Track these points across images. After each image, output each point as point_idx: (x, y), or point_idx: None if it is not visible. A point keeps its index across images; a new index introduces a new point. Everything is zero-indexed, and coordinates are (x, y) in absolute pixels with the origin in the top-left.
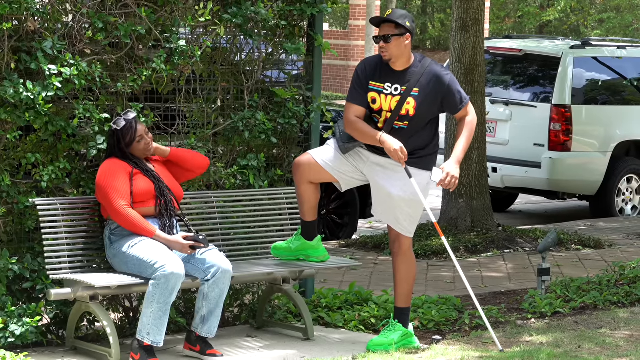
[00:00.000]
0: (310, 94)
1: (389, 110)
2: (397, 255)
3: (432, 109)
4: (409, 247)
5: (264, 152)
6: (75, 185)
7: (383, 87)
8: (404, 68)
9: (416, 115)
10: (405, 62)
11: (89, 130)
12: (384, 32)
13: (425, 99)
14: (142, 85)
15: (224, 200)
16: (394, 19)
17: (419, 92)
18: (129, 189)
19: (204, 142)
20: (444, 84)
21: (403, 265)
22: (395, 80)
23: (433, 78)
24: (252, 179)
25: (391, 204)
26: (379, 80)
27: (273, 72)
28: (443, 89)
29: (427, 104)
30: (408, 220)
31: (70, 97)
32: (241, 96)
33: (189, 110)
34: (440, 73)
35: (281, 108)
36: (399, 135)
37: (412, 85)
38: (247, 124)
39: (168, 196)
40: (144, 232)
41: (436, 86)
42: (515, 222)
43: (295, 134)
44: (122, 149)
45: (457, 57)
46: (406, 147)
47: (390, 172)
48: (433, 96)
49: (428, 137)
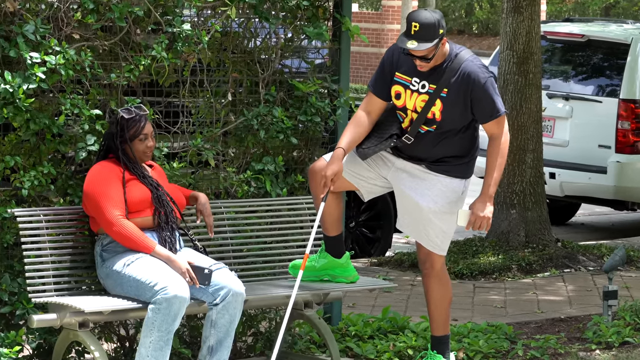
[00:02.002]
0: (337, 86)
1: (414, 110)
2: (428, 277)
3: (464, 114)
4: (442, 267)
5: (282, 154)
6: (62, 193)
7: (410, 81)
8: (437, 64)
9: (443, 120)
10: (439, 58)
11: (78, 128)
12: (421, 54)
13: (454, 102)
14: (140, 77)
15: (235, 210)
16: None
17: (448, 93)
18: (123, 197)
19: (212, 143)
20: (477, 85)
21: (436, 287)
22: (424, 77)
23: (466, 78)
24: (268, 185)
25: (420, 216)
26: (407, 72)
27: (293, 61)
28: (475, 92)
29: (456, 108)
30: (440, 236)
31: (56, 90)
32: (256, 89)
33: (195, 106)
34: (475, 72)
35: (302, 103)
36: (424, 141)
37: (443, 85)
38: (263, 121)
39: (168, 206)
40: (142, 247)
41: (468, 87)
42: (576, 237)
43: (318, 133)
44: (122, 143)
45: (508, 43)
46: (432, 154)
47: (418, 180)
48: (463, 99)
49: (462, 146)
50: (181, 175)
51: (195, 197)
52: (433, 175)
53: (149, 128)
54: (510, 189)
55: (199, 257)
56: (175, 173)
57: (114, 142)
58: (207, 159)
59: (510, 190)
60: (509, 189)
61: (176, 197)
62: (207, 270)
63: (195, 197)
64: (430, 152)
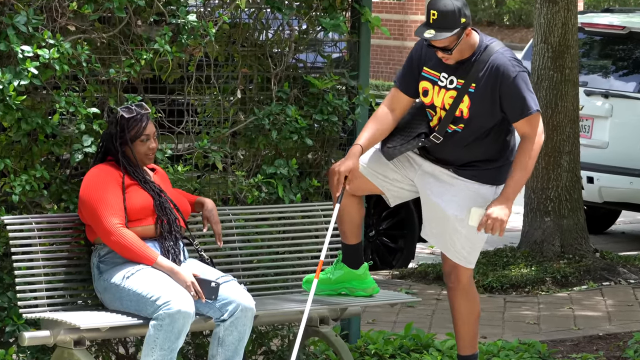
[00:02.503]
0: (356, 82)
1: (442, 107)
2: (454, 290)
3: (493, 112)
4: (469, 280)
5: (296, 157)
6: (56, 199)
7: (439, 76)
8: (464, 57)
9: (471, 118)
10: (469, 50)
11: (73, 129)
12: (441, 44)
13: (482, 98)
14: (141, 72)
15: (244, 218)
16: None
17: (476, 88)
18: (122, 204)
19: (220, 145)
20: (507, 79)
21: (463, 302)
22: (453, 71)
23: (494, 71)
24: (280, 191)
25: (446, 225)
26: (435, 67)
27: (308, 56)
28: (504, 87)
29: (484, 105)
30: (467, 247)
31: (50, 87)
32: (267, 86)
33: (201, 104)
34: (504, 65)
35: (318, 101)
36: (452, 142)
37: (471, 80)
38: (275, 121)
39: (171, 213)
40: (143, 258)
41: (496, 82)
42: (616, 247)
43: (336, 133)
44: (123, 144)
45: (542, 36)
46: (460, 157)
47: (445, 185)
48: (491, 95)
49: (494, 149)
50: (186, 179)
51: (201, 204)
52: (461, 180)
53: (151, 128)
54: (544, 195)
55: (205, 269)
56: (179, 177)
57: (113, 144)
58: (214, 161)
59: (544, 196)
60: (543, 194)
61: (180, 204)
62: (214, 283)
63: (201, 204)
64: (459, 154)
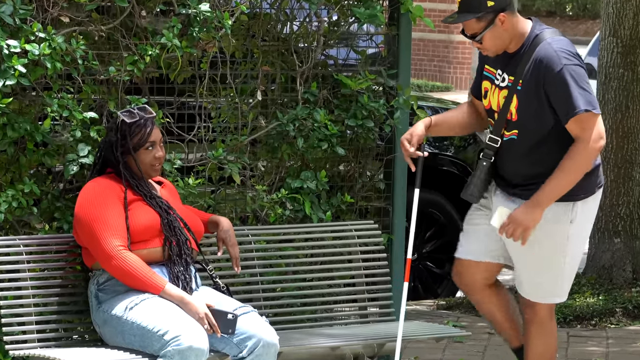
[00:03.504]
0: (395, 82)
1: (498, 110)
2: (530, 324)
3: (541, 113)
4: (548, 314)
5: (325, 168)
6: (47, 217)
7: (495, 74)
8: (516, 49)
9: (520, 122)
10: (518, 41)
11: (67, 136)
12: (469, 31)
13: (527, 96)
14: (146, 70)
15: (266, 239)
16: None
17: (522, 85)
18: (124, 223)
19: (238, 154)
20: (550, 73)
21: (539, 339)
22: (505, 67)
23: (537, 64)
24: (308, 208)
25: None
26: (494, 63)
27: (339, 51)
28: (549, 82)
29: (531, 105)
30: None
31: (40, 88)
32: (292, 86)
33: (215, 107)
34: (549, 57)
35: (351, 104)
36: (511, 153)
37: (519, 76)
38: (301, 127)
39: (182, 234)
40: (149, 286)
41: (540, 76)
42: None
43: (371, 141)
44: (124, 154)
45: (610, 28)
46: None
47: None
48: (535, 93)
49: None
50: (198, 194)
51: (216, 223)
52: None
53: (157, 134)
54: (613, 212)
55: (221, 299)
56: (190, 192)
57: (113, 153)
58: (231, 174)
59: (613, 214)
60: (612, 212)
61: (192, 223)
62: (231, 315)
63: (216, 223)
64: (519, 169)
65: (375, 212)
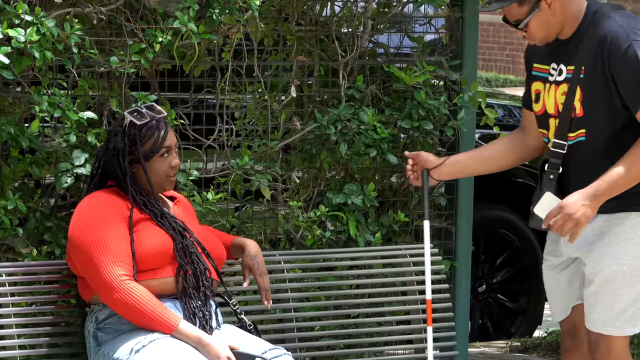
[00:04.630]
0: (458, 75)
1: (555, 114)
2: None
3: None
4: (624, 349)
5: (374, 180)
6: (35, 240)
7: (548, 70)
8: (571, 33)
9: (586, 117)
10: (572, 24)
11: (60, 141)
12: (511, 17)
13: (591, 83)
14: (156, 61)
15: (302, 267)
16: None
17: (585, 72)
18: (129, 248)
19: (267, 163)
20: (616, 51)
21: None
22: (560, 57)
23: (601, 43)
24: (353, 228)
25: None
26: (545, 58)
27: (391, 38)
28: (614, 62)
29: (596, 93)
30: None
31: (27, 82)
32: (334, 80)
33: (239, 106)
34: (614, 33)
35: (405, 101)
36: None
37: (580, 62)
38: (345, 129)
39: (199, 261)
40: (159, 324)
41: (604, 56)
42: None
43: (430, 147)
44: (132, 163)
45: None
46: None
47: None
48: (601, 77)
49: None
50: (219, 212)
51: (242, 247)
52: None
53: (172, 138)
54: None
55: (247, 339)
56: (210, 209)
57: (118, 163)
58: (259, 187)
59: None
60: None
61: (212, 247)
62: (260, 359)
63: (242, 247)
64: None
65: (435, 233)
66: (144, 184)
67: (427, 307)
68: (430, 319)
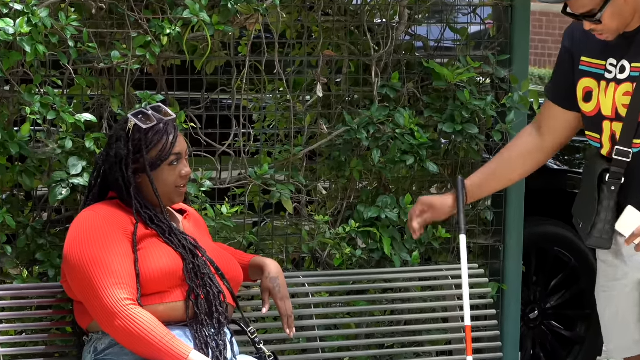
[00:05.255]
0: (507, 72)
1: (614, 116)
2: None
3: None
4: None
5: (411, 191)
6: (26, 260)
7: (605, 66)
8: (636, 25)
9: None
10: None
11: (54, 147)
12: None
13: None
14: (163, 57)
15: (328, 290)
16: None
17: None
18: (133, 268)
19: (290, 172)
20: None
21: None
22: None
23: None
24: (387, 246)
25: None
26: (599, 53)
27: (430, 29)
28: None
29: None
30: None
31: (16, 81)
32: (365, 78)
33: (258, 107)
34: None
35: (447, 102)
36: None
37: None
38: (378, 134)
39: (213, 284)
40: (167, 355)
41: None
42: None
43: (475, 154)
44: (137, 172)
45: None
46: None
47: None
48: None
49: None
50: (235, 228)
51: (261, 268)
52: None
53: (182, 144)
54: None
55: None
56: (224, 224)
57: (120, 172)
58: (281, 200)
59: None
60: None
61: (226, 267)
62: None
63: (261, 268)
64: None
65: (481, 252)
66: (149, 196)
67: (467, 335)
68: (470, 348)
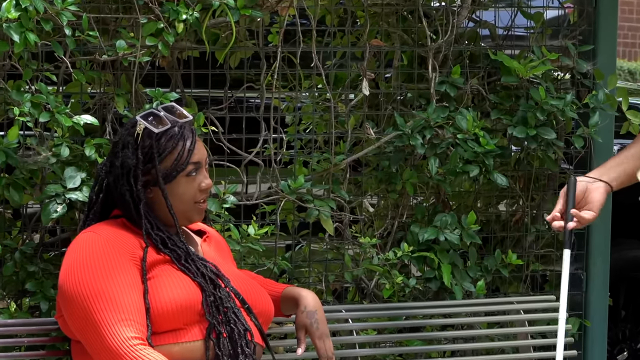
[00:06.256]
0: (591, 66)
1: None
2: None
3: None
4: None
5: (476, 209)
6: (13, 290)
7: None
8: None
9: None
10: None
11: (47, 155)
12: None
13: None
14: (177, 47)
15: (376, 327)
16: None
17: None
18: (142, 301)
19: (330, 186)
20: None
21: None
22: None
23: None
24: (447, 275)
25: None
26: None
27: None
28: None
29: None
30: None
31: (2, 75)
32: (420, 73)
33: (292, 108)
34: None
35: (518, 101)
36: None
37: None
38: (436, 140)
39: (238, 320)
40: None
41: None
42: None
43: (552, 164)
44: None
45: None
46: None
47: None
48: None
49: None
50: (264, 252)
51: (295, 300)
52: None
53: (201, 151)
54: None
55: None
56: (252, 248)
57: (128, 185)
58: (319, 218)
59: None
60: None
61: (254, 300)
62: None
63: (295, 300)
64: None
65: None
66: (163, 214)
67: None
68: None
